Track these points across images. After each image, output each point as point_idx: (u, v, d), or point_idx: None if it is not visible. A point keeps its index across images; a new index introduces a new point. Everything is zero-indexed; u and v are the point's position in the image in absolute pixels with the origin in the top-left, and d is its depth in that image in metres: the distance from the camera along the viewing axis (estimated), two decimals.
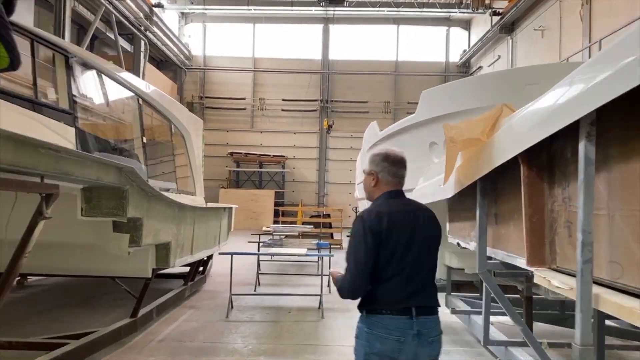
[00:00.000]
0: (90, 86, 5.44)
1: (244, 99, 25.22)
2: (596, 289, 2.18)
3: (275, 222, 21.50)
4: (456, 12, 23.22)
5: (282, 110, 25.12)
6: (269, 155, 23.69)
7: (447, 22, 25.20)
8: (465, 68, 25.10)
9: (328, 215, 20.69)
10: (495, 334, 4.63)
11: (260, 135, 25.47)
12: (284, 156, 23.84)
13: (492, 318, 4.93)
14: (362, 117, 24.89)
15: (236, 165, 25.08)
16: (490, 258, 3.64)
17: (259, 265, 8.97)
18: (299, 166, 25.34)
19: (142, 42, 18.53)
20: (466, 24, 25.24)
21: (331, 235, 16.51)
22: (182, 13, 24.96)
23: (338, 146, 25.13)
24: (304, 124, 25.48)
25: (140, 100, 6.51)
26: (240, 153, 23.67)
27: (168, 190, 6.65)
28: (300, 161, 25.28)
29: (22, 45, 3.86)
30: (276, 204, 23.68)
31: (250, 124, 25.59)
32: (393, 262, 2.41)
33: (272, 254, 9.32)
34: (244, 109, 25.29)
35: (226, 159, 24.23)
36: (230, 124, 25.60)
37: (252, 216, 21.58)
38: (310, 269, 10.62)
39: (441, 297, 3.76)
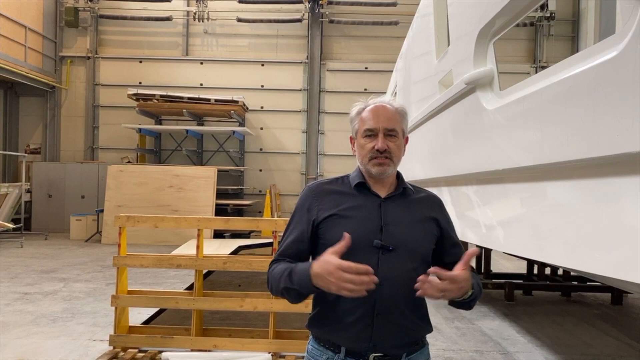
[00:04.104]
0: None
1: (169, 0, 13.75)
2: None
3: (217, 233, 10.44)
4: None
5: (239, 20, 13.72)
6: (208, 101, 12.19)
7: None
8: None
9: None
10: None
11: (200, 69, 14.07)
12: (237, 102, 12.36)
13: None
14: (385, 33, 13.71)
15: (155, 121, 13.67)
16: None
17: None
18: (271, 124, 14.06)
19: None
20: None
21: None
22: None
23: (342, 88, 13.91)
24: (281, 47, 14.13)
25: None
26: (153, 96, 12.14)
27: None
28: (273, 116, 14.01)
29: None
30: (225, 194, 12.42)
31: (183, 48, 14.16)
32: None
33: None
34: (169, 18, 13.83)
35: (132, 112, 12.82)
36: (144, 49, 14.15)
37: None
38: None
39: None
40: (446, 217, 1.76)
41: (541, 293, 6.92)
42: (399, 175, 1.73)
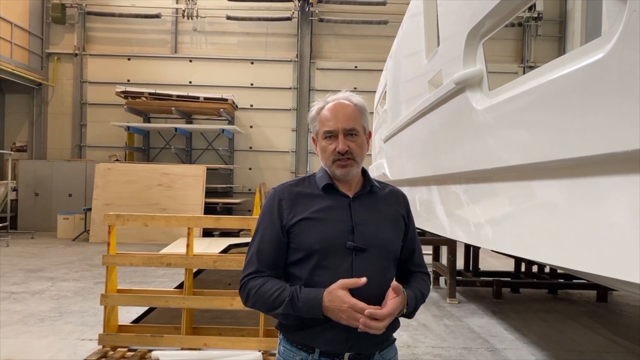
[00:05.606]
0: None
1: None
2: None
3: (207, 232, 10.41)
4: None
5: (229, 18, 13.67)
6: (197, 99, 12.15)
7: None
8: None
9: None
10: None
11: (189, 67, 14.00)
12: (226, 100, 12.33)
13: None
14: (374, 32, 13.74)
15: (144, 119, 13.58)
16: None
17: None
18: (260, 122, 14.04)
19: None
20: None
21: None
22: None
23: (332, 86, 13.92)
24: (270, 45, 14.11)
25: None
26: (141, 93, 12.07)
27: None
28: (263, 114, 14.00)
29: None
30: (214, 193, 12.39)
31: (172, 45, 14.08)
32: None
33: None
34: (158, 16, 13.74)
35: (120, 109, 12.72)
36: (133, 46, 14.04)
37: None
38: None
39: None
40: (410, 212, 1.77)
41: (528, 291, 7.00)
42: (364, 172, 1.71)
